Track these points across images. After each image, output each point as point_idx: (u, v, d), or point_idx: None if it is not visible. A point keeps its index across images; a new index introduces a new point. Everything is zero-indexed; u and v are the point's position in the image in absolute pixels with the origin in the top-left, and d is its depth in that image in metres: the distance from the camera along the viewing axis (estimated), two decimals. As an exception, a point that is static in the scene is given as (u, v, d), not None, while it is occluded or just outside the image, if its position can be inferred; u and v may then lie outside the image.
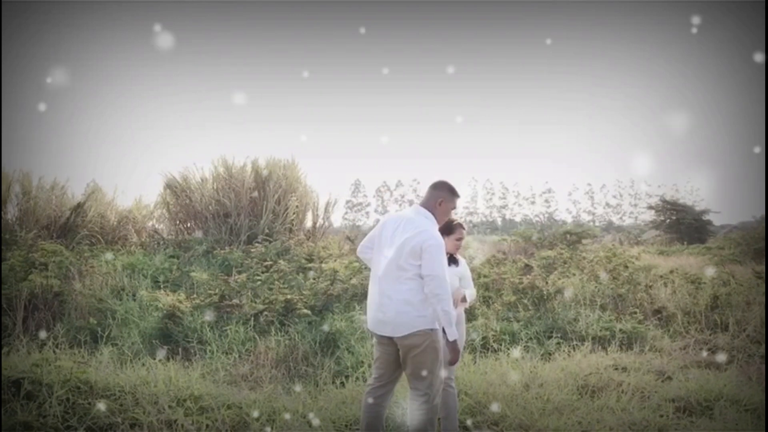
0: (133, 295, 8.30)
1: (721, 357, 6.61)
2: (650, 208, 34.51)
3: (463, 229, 4.68)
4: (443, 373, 4.10)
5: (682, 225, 30.30)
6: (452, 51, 69.27)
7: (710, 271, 10.49)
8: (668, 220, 31.54)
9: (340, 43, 68.09)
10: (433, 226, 4.08)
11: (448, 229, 4.59)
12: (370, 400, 4.16)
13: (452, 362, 3.99)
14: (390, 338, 4.03)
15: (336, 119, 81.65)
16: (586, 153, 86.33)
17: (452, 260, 4.62)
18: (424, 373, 3.97)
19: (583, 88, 75.52)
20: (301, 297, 7.47)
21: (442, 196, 4.19)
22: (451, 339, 3.89)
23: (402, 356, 4.04)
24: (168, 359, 6.27)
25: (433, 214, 4.16)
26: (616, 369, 6.22)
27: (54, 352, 6.00)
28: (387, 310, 4.02)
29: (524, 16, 64.35)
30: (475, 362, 6.40)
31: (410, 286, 3.97)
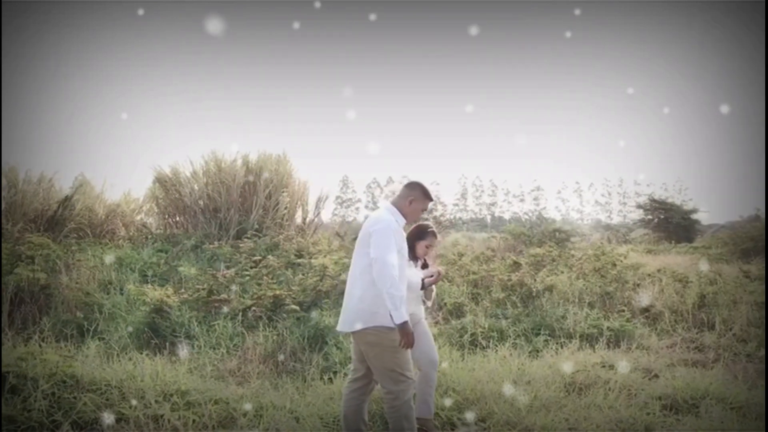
0: (121, 290, 8.25)
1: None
2: (639, 207, 34.64)
3: (435, 237, 4.90)
4: (411, 369, 4.09)
5: (670, 224, 30.45)
6: (451, 51, 69.39)
7: (704, 266, 10.62)
8: (656, 219, 31.68)
9: (338, 42, 67.98)
10: (389, 217, 4.10)
11: (420, 234, 4.83)
12: (346, 393, 4.24)
13: (406, 346, 3.92)
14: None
15: (330, 119, 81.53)
16: (586, 153, 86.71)
17: (424, 264, 4.92)
18: (387, 372, 3.98)
19: (583, 88, 75.73)
20: (290, 293, 7.45)
21: (413, 195, 4.22)
22: (397, 322, 3.85)
23: (364, 354, 4.07)
24: (155, 354, 6.25)
25: (402, 212, 4.20)
26: (604, 366, 6.25)
27: (40, 345, 5.94)
28: (345, 306, 4.12)
29: (524, 17, 64.31)
30: (464, 359, 6.41)
31: (364, 281, 4.00)
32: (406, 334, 3.87)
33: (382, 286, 3.85)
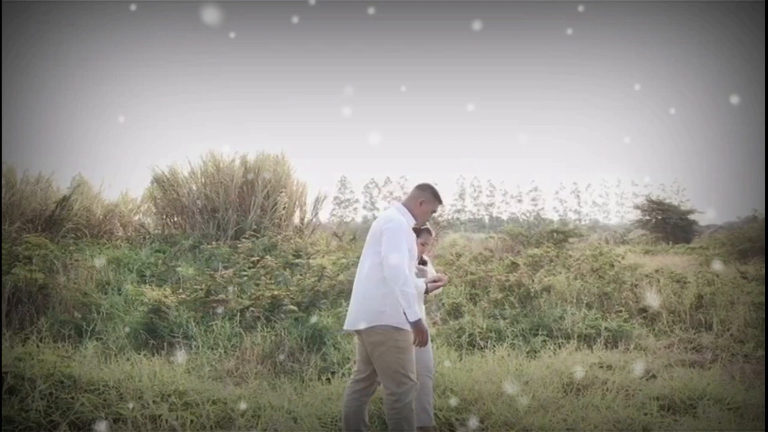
0: (119, 290, 8.24)
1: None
2: (636, 207, 34.71)
3: (430, 235, 4.98)
4: (414, 371, 4.07)
5: (668, 224, 30.50)
6: (450, 51, 69.33)
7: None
8: (654, 220, 31.74)
9: (336, 43, 68.01)
10: (401, 217, 4.11)
11: (415, 232, 4.80)
12: (348, 393, 4.23)
13: (420, 344, 3.92)
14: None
15: (329, 119, 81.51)
16: (585, 153, 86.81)
17: (421, 261, 4.96)
18: (390, 372, 3.96)
19: (583, 88, 75.86)
20: (288, 293, 7.44)
21: (424, 197, 4.26)
22: (411, 320, 3.85)
23: (369, 353, 4.06)
24: (153, 354, 6.24)
25: (412, 212, 4.22)
26: (602, 367, 6.25)
27: (37, 346, 5.93)
28: (352, 305, 4.12)
29: (524, 17, 64.28)
30: (461, 359, 6.41)
31: (372, 279, 4.00)
32: (420, 331, 3.87)
33: (394, 284, 3.84)
